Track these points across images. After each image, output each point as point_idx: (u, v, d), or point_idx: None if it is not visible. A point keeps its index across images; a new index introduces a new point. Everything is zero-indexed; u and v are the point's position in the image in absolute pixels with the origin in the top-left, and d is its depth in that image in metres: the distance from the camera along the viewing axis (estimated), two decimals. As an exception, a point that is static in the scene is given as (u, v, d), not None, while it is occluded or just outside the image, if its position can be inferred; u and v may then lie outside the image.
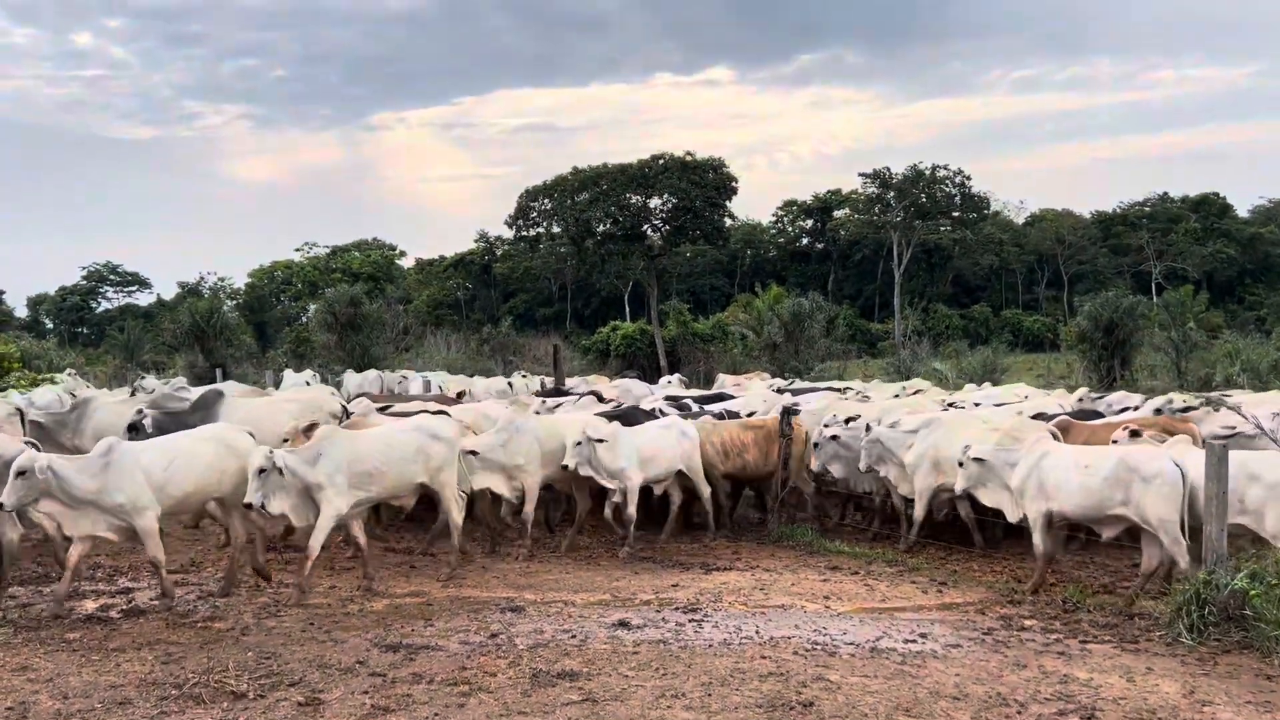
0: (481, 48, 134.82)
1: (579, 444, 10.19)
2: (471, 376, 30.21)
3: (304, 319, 51.91)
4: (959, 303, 63.29)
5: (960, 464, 9.28)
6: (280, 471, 8.32)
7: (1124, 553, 9.83)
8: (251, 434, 9.14)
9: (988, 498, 9.34)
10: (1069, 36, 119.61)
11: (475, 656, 6.82)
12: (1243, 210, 69.68)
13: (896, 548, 10.46)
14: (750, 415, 12.96)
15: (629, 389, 18.32)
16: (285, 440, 9.97)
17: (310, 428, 9.78)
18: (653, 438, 10.92)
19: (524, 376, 22.84)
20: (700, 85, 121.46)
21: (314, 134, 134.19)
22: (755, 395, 15.44)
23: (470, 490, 10.06)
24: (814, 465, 11.39)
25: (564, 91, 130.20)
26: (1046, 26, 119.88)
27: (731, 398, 15.56)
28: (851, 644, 7.13)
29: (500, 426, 10.56)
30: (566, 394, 16.59)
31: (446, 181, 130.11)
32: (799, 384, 19.69)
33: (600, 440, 10.30)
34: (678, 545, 10.88)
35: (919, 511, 10.37)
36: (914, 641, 7.22)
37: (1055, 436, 9.70)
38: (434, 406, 12.83)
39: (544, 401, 14.54)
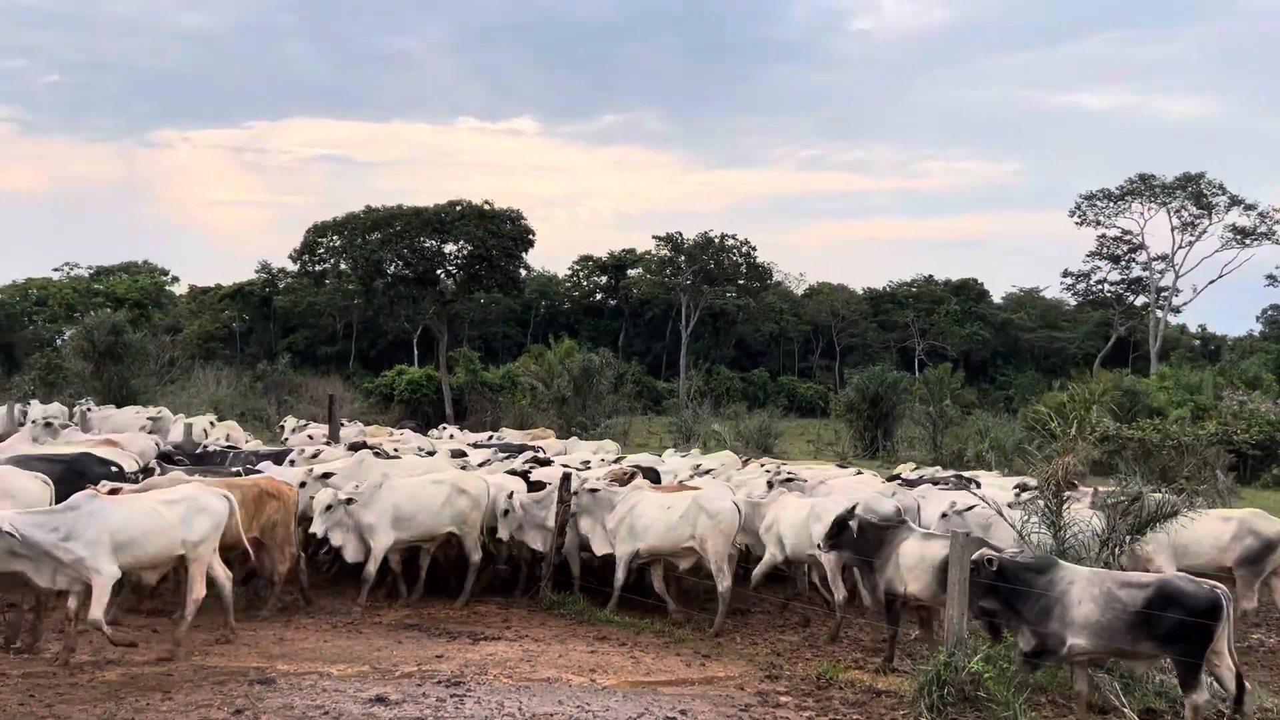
0: (278, 73, 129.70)
1: None
2: (241, 416, 28.80)
3: (58, 344, 47.99)
4: (740, 366, 65.55)
5: (575, 493, 10.85)
6: None
7: (877, 630, 10.32)
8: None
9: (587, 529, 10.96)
10: (852, 122, 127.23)
11: (215, 737, 6.38)
12: (997, 296, 75.91)
13: (664, 618, 10.55)
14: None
15: (405, 441, 17.81)
16: None
17: None
18: (140, 515, 8.39)
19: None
20: (504, 133, 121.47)
21: (86, 145, 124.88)
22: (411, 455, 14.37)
23: None
24: (316, 529, 10.26)
25: (363, 125, 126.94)
26: (833, 111, 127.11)
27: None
28: (613, 722, 7.12)
29: None
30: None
31: (231, 206, 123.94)
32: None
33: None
34: (447, 612, 10.59)
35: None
36: (674, 718, 7.28)
37: None
38: None
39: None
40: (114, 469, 10.76)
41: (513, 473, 12.53)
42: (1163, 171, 58.60)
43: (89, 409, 21.73)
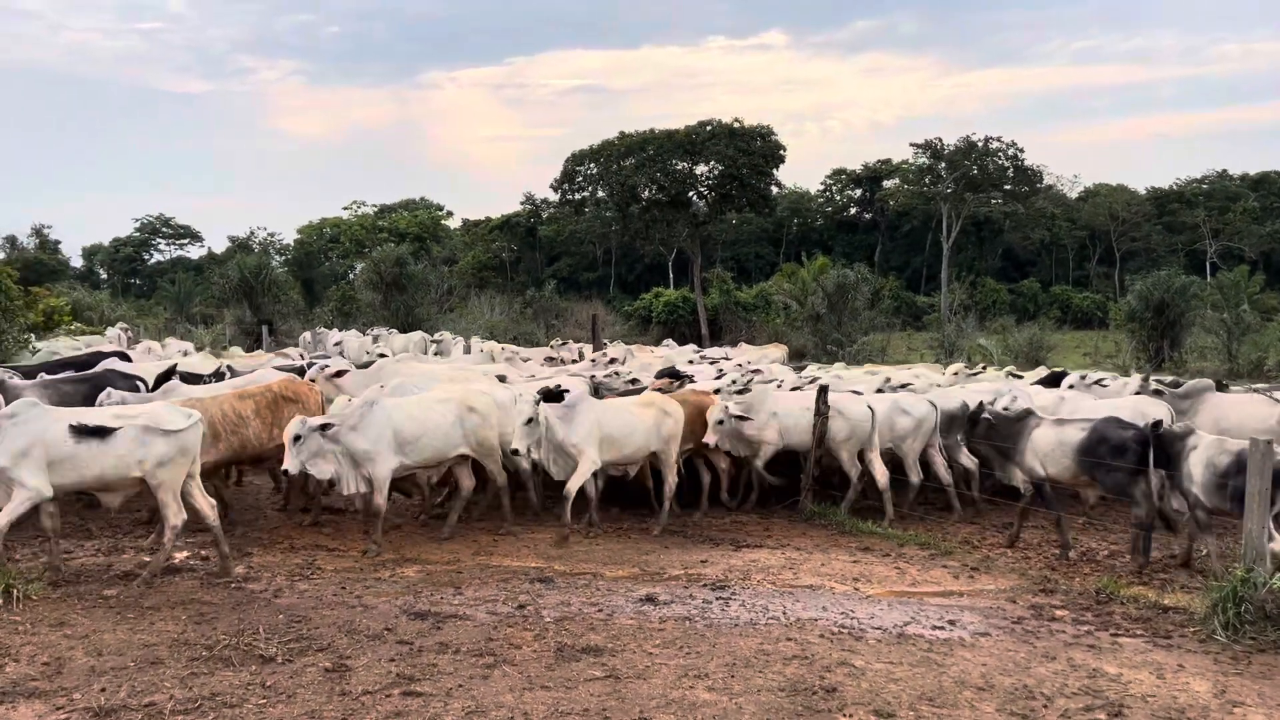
0: (533, 7, 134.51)
1: None
2: (513, 339, 30.44)
3: (350, 277, 52.33)
4: (1008, 277, 62.38)
5: (719, 421, 10.65)
6: None
7: (1164, 546, 9.69)
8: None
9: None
10: (1133, 7, 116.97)
11: (502, 628, 6.87)
12: (1305, 189, 67.90)
13: (929, 531, 10.38)
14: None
15: (670, 359, 18.22)
16: None
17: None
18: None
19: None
20: (753, 49, 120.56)
21: (365, 91, 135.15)
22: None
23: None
24: (289, 465, 8.89)
25: (615, 53, 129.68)
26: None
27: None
28: (878, 628, 7.09)
29: None
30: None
31: (495, 142, 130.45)
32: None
33: None
34: (709, 520, 10.85)
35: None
36: (942, 628, 7.16)
37: None
38: None
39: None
40: (138, 383, 11.17)
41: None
42: None
43: (379, 335, 23.60)
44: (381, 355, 17.33)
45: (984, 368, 15.84)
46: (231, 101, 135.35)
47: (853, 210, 71.65)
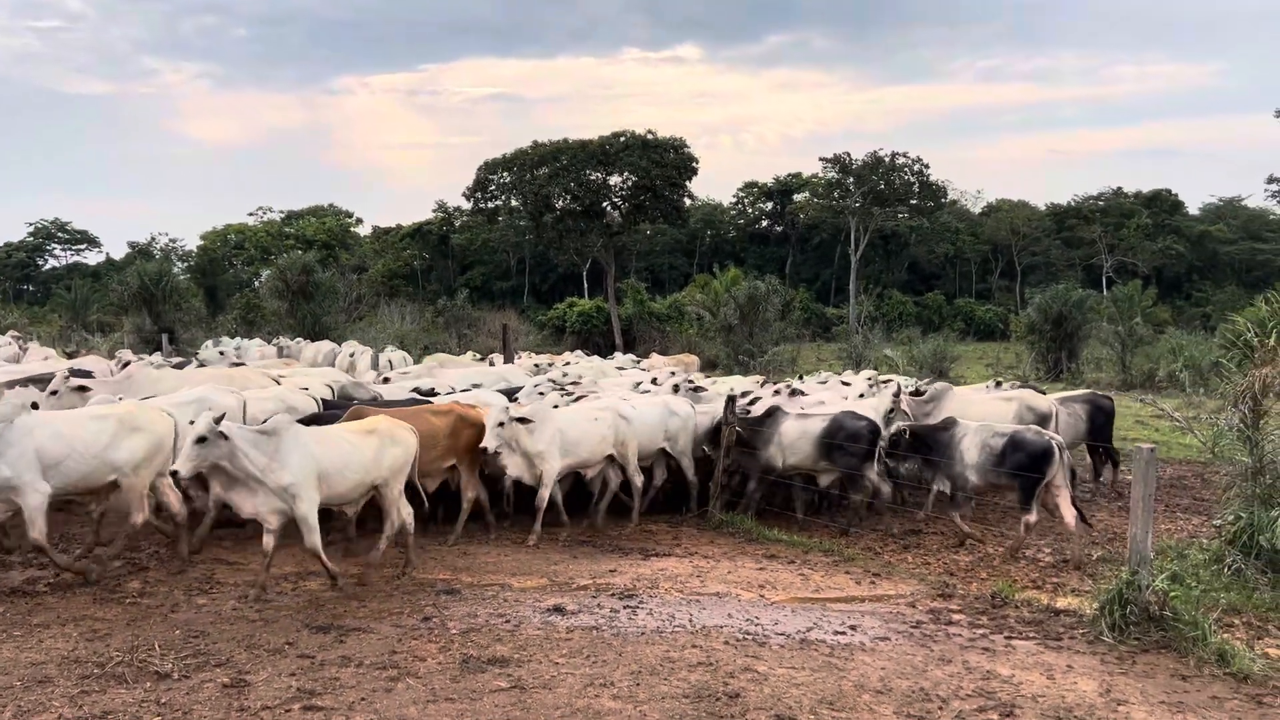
0: (449, 14, 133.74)
1: None
2: (424, 349, 30.08)
3: (256, 285, 51.18)
4: (914, 289, 63.84)
5: (500, 424, 9.67)
6: None
7: (1058, 550, 10.03)
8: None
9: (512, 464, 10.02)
10: (1036, 28, 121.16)
11: (406, 640, 6.81)
12: (1194, 207, 71.01)
13: (834, 537, 10.58)
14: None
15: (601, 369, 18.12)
16: None
17: None
18: None
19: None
20: (667, 62, 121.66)
21: (274, 95, 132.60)
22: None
23: None
24: None
25: (530, 62, 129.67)
26: (1014, 17, 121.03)
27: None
28: (782, 634, 7.21)
29: None
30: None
31: (408, 149, 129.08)
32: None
33: None
34: (619, 530, 10.88)
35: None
36: (844, 633, 7.31)
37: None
38: None
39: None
40: None
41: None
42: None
43: (287, 344, 23.11)
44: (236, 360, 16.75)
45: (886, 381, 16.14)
46: (134, 104, 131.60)
47: (764, 223, 72.59)
